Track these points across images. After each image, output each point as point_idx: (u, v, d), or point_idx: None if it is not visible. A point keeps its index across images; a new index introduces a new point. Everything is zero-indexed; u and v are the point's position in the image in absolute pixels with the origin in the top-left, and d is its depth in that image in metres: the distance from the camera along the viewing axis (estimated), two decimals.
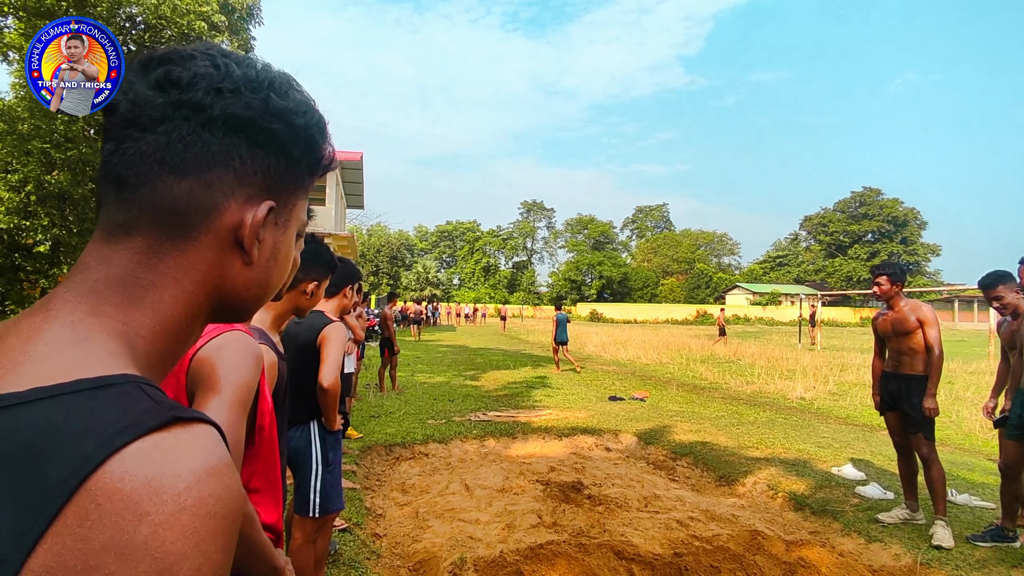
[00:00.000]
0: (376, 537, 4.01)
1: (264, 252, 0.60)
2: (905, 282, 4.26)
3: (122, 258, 0.53)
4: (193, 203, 0.54)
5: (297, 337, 2.73)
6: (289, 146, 0.59)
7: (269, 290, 0.64)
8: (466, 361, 15.35)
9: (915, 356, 4.14)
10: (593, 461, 5.99)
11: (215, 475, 0.44)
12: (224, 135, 0.55)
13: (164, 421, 0.44)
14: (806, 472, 5.29)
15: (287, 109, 0.58)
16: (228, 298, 0.59)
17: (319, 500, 2.64)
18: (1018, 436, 3.72)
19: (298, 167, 0.61)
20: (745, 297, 66.50)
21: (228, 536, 0.45)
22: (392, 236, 72.29)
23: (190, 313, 0.56)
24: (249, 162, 0.57)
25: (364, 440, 6.12)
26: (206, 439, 0.46)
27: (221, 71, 0.55)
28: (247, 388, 1.10)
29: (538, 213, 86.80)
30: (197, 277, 0.55)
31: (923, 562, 3.56)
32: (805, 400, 10.12)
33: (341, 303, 2.90)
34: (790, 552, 3.66)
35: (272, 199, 0.59)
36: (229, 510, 0.45)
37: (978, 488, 4.94)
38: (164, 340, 0.54)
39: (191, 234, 0.55)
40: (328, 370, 2.59)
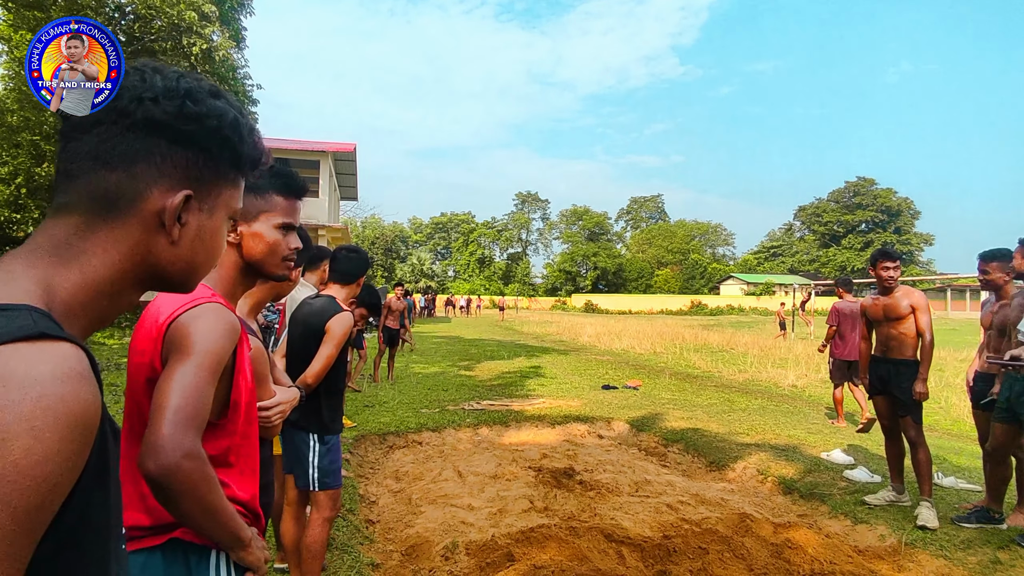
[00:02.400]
0: (369, 523, 4.04)
1: (188, 233, 0.71)
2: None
3: (61, 229, 0.64)
4: (121, 191, 0.66)
5: (307, 319, 2.74)
6: (205, 144, 0.71)
7: (197, 266, 0.75)
8: (461, 352, 15.38)
9: (904, 342, 4.19)
10: (585, 448, 6.03)
11: (61, 380, 0.52)
12: (145, 135, 0.67)
13: (31, 334, 0.52)
14: (796, 457, 5.35)
15: (200, 114, 0.70)
16: (156, 270, 0.70)
17: (317, 475, 2.67)
18: (1006, 418, 3.77)
19: (218, 161, 0.73)
20: (739, 287, 66.74)
21: (69, 434, 0.51)
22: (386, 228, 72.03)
23: (117, 278, 0.66)
24: (169, 157, 0.68)
25: (358, 429, 6.15)
26: (67, 353, 0.54)
27: (146, 83, 0.67)
28: (218, 355, 1.12)
29: (533, 204, 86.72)
30: (123, 249, 0.66)
31: (908, 542, 3.62)
32: (797, 388, 10.21)
33: (353, 292, 2.90)
34: (778, 534, 3.71)
35: (191, 188, 0.70)
36: (74, 413, 0.52)
37: (964, 471, 5.01)
38: (88, 295, 0.64)
39: (119, 215, 0.66)
40: (317, 367, 2.57)
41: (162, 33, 13.36)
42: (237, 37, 15.50)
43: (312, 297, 2.86)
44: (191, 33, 12.99)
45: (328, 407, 2.70)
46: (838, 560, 3.36)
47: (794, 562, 3.31)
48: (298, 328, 2.76)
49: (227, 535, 1.11)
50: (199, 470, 1.03)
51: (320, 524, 2.71)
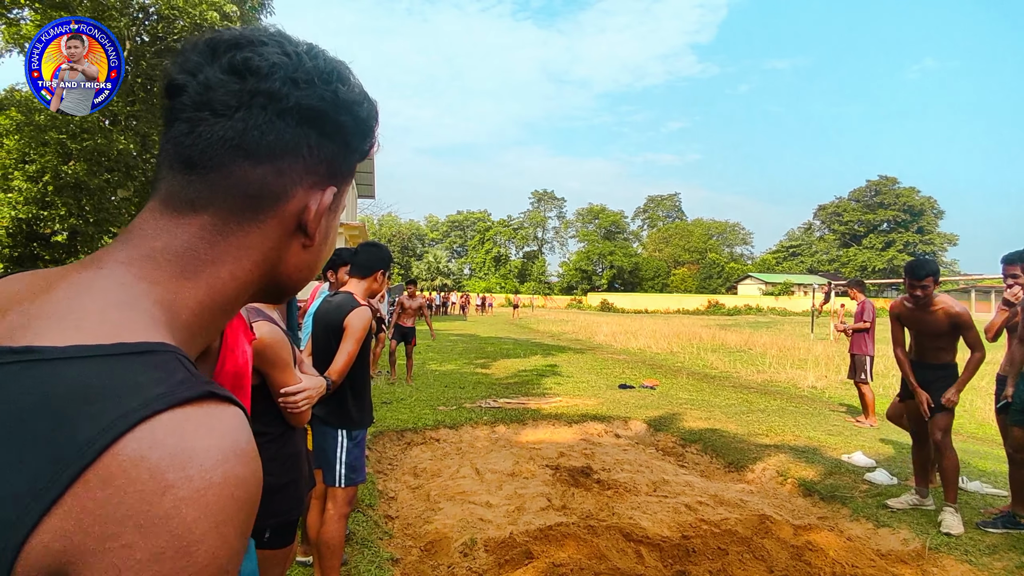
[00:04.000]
0: (388, 518, 4.08)
1: (320, 235, 0.62)
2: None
3: (185, 231, 0.54)
4: (265, 188, 0.56)
5: (326, 316, 2.77)
6: (350, 136, 0.61)
7: (316, 271, 0.66)
8: (476, 349, 15.43)
9: (942, 350, 4.07)
10: (602, 447, 6.03)
11: (242, 457, 0.43)
12: (297, 125, 0.56)
13: (199, 394, 0.43)
14: (816, 459, 5.29)
15: (353, 101, 0.60)
16: (280, 278, 0.61)
17: (344, 471, 2.71)
18: (1022, 421, 3.71)
19: (354, 155, 0.63)
20: (757, 287, 66.04)
21: (247, 522, 0.44)
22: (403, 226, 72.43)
23: (241, 291, 0.57)
24: (317, 151, 0.58)
25: (376, 426, 6.20)
26: (235, 420, 0.45)
27: (294, 61, 0.56)
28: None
29: (549, 203, 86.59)
30: (256, 257, 0.57)
31: (932, 547, 3.57)
32: (816, 389, 10.09)
33: (371, 286, 2.91)
34: (798, 536, 3.68)
35: (335, 184, 0.61)
36: (251, 495, 0.44)
37: (990, 476, 4.92)
38: (210, 314, 0.54)
39: (258, 217, 0.56)
40: (339, 364, 2.58)
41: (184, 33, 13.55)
42: None
43: (332, 294, 2.90)
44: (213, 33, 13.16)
45: (355, 402, 2.74)
46: (860, 564, 3.33)
47: (815, 565, 3.28)
48: (319, 326, 2.80)
49: None
50: None
51: (337, 520, 2.74)
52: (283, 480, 1.87)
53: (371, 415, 2.91)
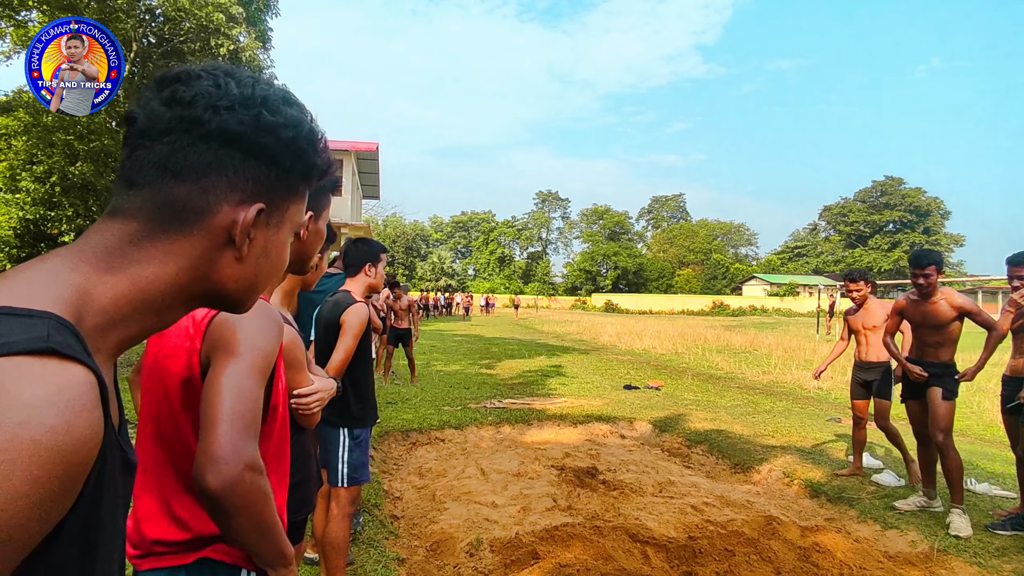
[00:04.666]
0: (394, 518, 4.08)
1: (255, 249, 0.66)
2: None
3: (116, 234, 0.59)
4: (189, 204, 0.61)
5: (325, 315, 2.78)
6: (279, 156, 0.65)
7: (258, 285, 0.70)
8: (481, 350, 15.43)
9: (942, 347, 4.07)
10: (608, 448, 6.02)
11: (57, 408, 0.44)
12: (219, 147, 0.62)
13: (39, 348, 0.46)
14: (822, 460, 5.27)
15: (277, 124, 0.64)
16: (216, 287, 0.65)
17: (347, 471, 2.71)
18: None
19: (289, 175, 0.67)
20: (763, 288, 65.84)
21: (44, 470, 0.43)
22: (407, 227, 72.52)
23: (169, 292, 0.61)
24: (242, 170, 0.63)
25: (381, 426, 6.20)
26: (70, 376, 0.46)
27: (220, 90, 0.62)
28: (267, 354, 1.05)
29: (553, 203, 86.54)
30: (183, 264, 0.62)
31: (940, 549, 3.55)
32: (822, 390, 10.05)
33: (367, 283, 2.90)
34: (805, 537, 3.66)
35: (263, 202, 0.65)
36: (57, 446, 0.44)
37: (998, 477, 4.89)
38: (134, 307, 0.59)
39: (184, 228, 0.61)
40: (336, 361, 2.57)
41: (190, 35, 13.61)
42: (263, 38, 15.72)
43: (332, 293, 2.90)
44: (219, 34, 13.21)
45: (357, 400, 2.74)
46: (868, 565, 3.31)
47: (822, 566, 3.27)
48: (320, 326, 2.80)
49: (274, 552, 1.02)
50: (259, 483, 0.95)
51: (341, 520, 2.73)
52: (294, 480, 1.87)
53: (375, 413, 2.90)
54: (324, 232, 1.31)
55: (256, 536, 0.97)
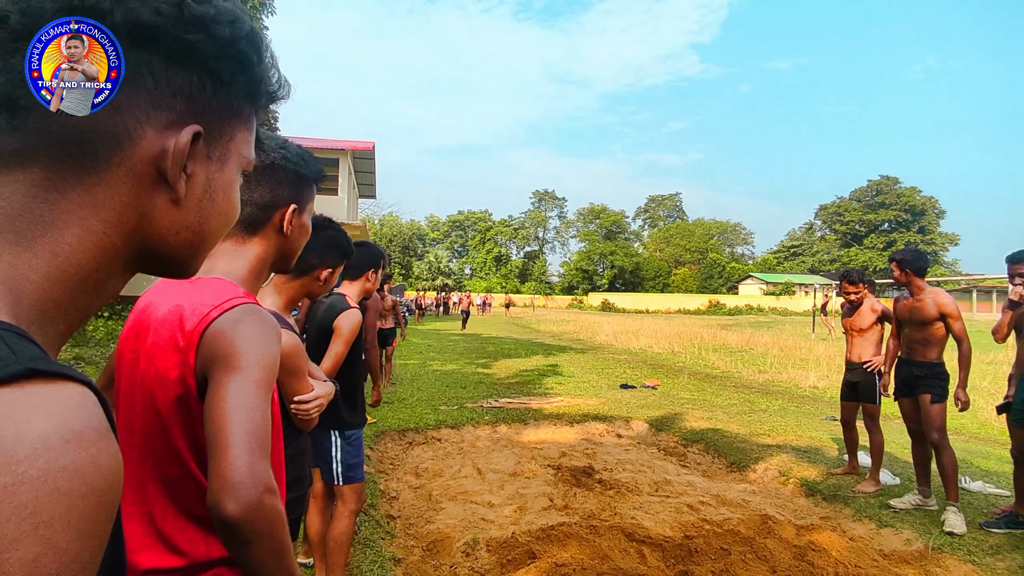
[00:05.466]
0: (391, 518, 4.07)
1: (195, 189, 0.52)
2: (920, 270, 4.19)
3: (14, 192, 0.45)
4: (98, 130, 0.46)
5: (319, 318, 2.77)
6: (214, 63, 0.51)
7: (206, 236, 0.55)
8: (478, 349, 15.42)
9: (928, 345, 4.11)
10: (604, 447, 6.02)
11: (75, 443, 0.36)
12: (130, 48, 0.46)
13: (14, 373, 0.36)
14: (818, 459, 5.29)
15: (207, 17, 0.49)
16: (154, 243, 0.51)
17: (342, 469, 2.72)
18: (1020, 421, 3.71)
19: (231, 90, 0.53)
20: (759, 287, 66.00)
21: (87, 520, 0.36)
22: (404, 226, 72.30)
23: (101, 259, 0.47)
24: (165, 81, 0.48)
25: (378, 426, 6.20)
26: (70, 399, 0.38)
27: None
28: (271, 367, 0.98)
29: (550, 203, 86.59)
30: (109, 216, 0.47)
31: (935, 547, 3.56)
32: (818, 389, 10.09)
33: (364, 287, 2.90)
34: (800, 536, 3.67)
35: (199, 124, 0.51)
36: (92, 489, 0.36)
37: (992, 476, 4.91)
38: (64, 288, 0.46)
39: (99, 166, 0.47)
40: (326, 365, 2.56)
41: None
42: None
43: (325, 296, 2.89)
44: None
45: (346, 404, 2.74)
46: (863, 564, 3.32)
47: (818, 565, 3.27)
48: (313, 328, 2.79)
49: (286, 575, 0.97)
50: (277, 506, 0.90)
51: (346, 517, 2.75)
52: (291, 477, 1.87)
53: (363, 416, 2.91)
54: (309, 227, 1.25)
55: (272, 561, 0.91)
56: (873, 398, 4.64)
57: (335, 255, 1.93)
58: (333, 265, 1.92)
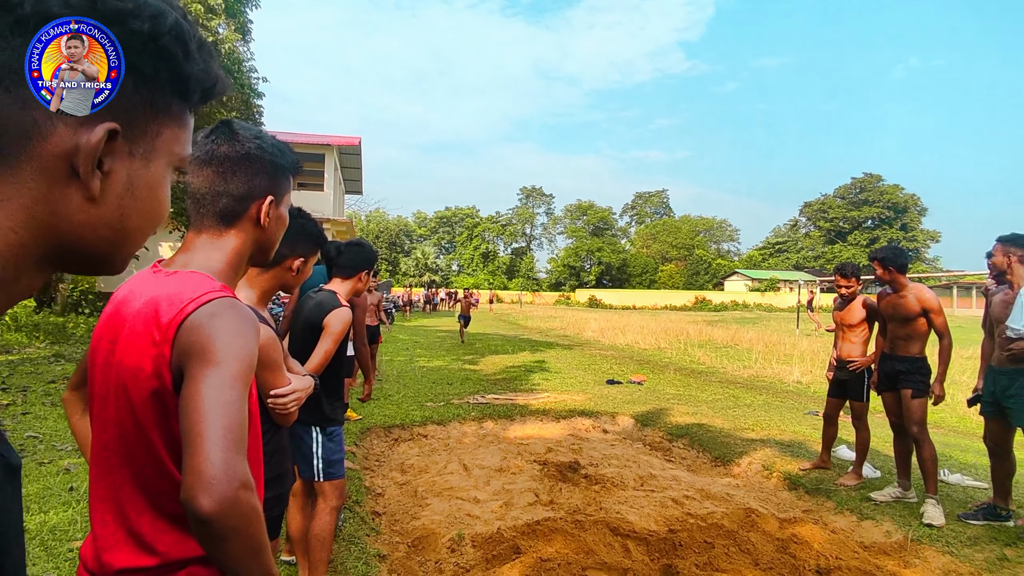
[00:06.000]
0: (376, 515, 4.06)
1: (114, 187, 0.52)
2: (902, 266, 4.23)
3: None
4: (5, 124, 0.46)
5: (306, 314, 2.74)
6: (134, 57, 0.50)
7: (128, 233, 0.55)
8: (464, 346, 15.40)
9: (911, 340, 4.17)
10: (590, 442, 6.04)
11: None
12: None
13: None
14: (801, 453, 5.34)
15: (124, 11, 0.49)
16: (69, 240, 0.50)
17: (322, 466, 2.70)
18: (993, 413, 3.79)
19: (154, 86, 0.53)
20: (744, 283, 66.55)
21: None
22: (391, 222, 72.16)
23: (8, 255, 0.47)
24: None
25: (363, 422, 6.17)
26: None
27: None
28: (248, 361, 0.96)
29: (537, 199, 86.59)
30: (16, 212, 0.47)
31: (914, 539, 3.62)
32: (802, 384, 10.19)
33: (355, 286, 2.89)
34: (783, 529, 3.71)
35: (116, 121, 0.50)
36: None
37: (971, 468, 4.99)
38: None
39: (6, 161, 0.46)
40: (315, 362, 2.54)
41: None
42: (243, 30, 15.47)
43: (315, 291, 2.86)
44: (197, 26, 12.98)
45: (328, 400, 2.73)
46: (844, 556, 3.36)
47: (800, 557, 3.31)
48: (299, 323, 2.77)
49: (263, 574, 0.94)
50: (253, 502, 0.88)
51: (328, 513, 2.73)
52: (272, 475, 1.85)
53: (343, 413, 2.91)
54: (287, 218, 1.23)
55: (249, 558, 0.89)
56: (861, 396, 4.66)
57: (306, 244, 1.90)
58: (305, 254, 1.90)
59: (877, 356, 4.45)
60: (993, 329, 3.92)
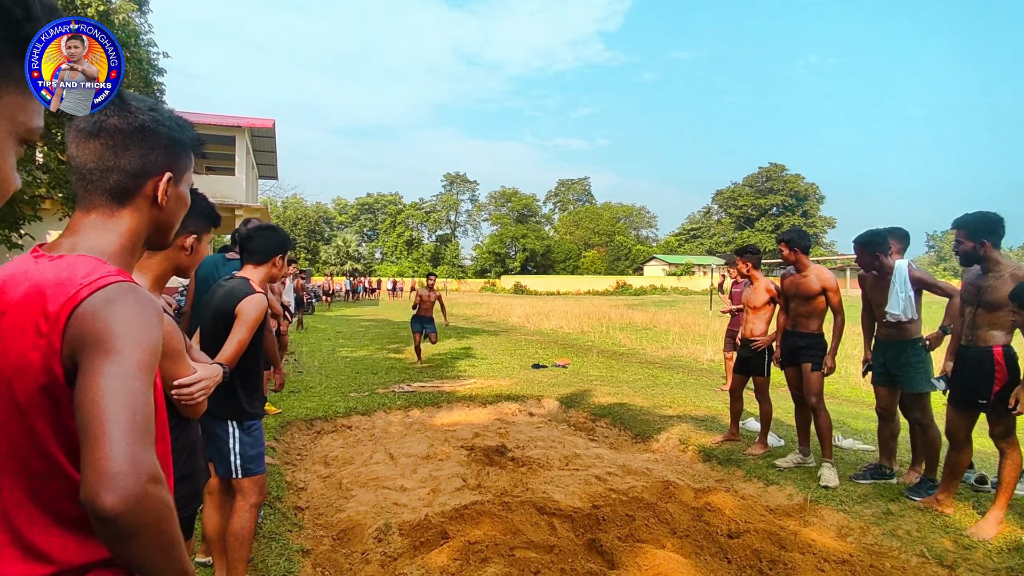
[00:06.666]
0: (298, 510, 3.94)
1: None
2: (805, 248, 4.55)
3: None
4: None
5: (217, 302, 2.59)
6: None
7: None
8: (390, 334, 15.16)
9: (811, 318, 4.49)
10: (516, 426, 6.13)
11: None
12: None
13: None
14: (714, 427, 5.65)
15: None
16: None
17: (240, 462, 2.59)
18: (883, 381, 4.17)
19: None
20: (662, 268, 69.27)
21: None
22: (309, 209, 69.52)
23: None
24: None
25: (284, 415, 5.95)
26: None
27: None
28: (152, 348, 0.89)
29: (461, 186, 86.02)
30: None
31: (813, 500, 3.93)
32: (714, 362, 10.76)
33: (269, 272, 2.76)
34: (698, 499, 3.92)
35: None
36: None
37: (862, 434, 5.47)
38: None
39: None
40: (227, 352, 2.41)
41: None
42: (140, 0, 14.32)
43: (226, 278, 2.72)
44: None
45: (246, 392, 2.61)
46: (752, 519, 3.60)
47: (713, 523, 3.51)
48: (209, 312, 2.63)
49: (178, 573, 0.89)
50: (163, 496, 0.83)
51: (247, 511, 2.62)
52: (181, 473, 1.75)
53: (262, 406, 2.80)
54: (187, 198, 1.14)
55: (161, 556, 0.84)
56: (762, 371, 4.99)
57: (198, 220, 1.79)
58: (197, 231, 1.80)
59: (779, 335, 4.77)
60: (871, 306, 4.28)
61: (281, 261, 2.78)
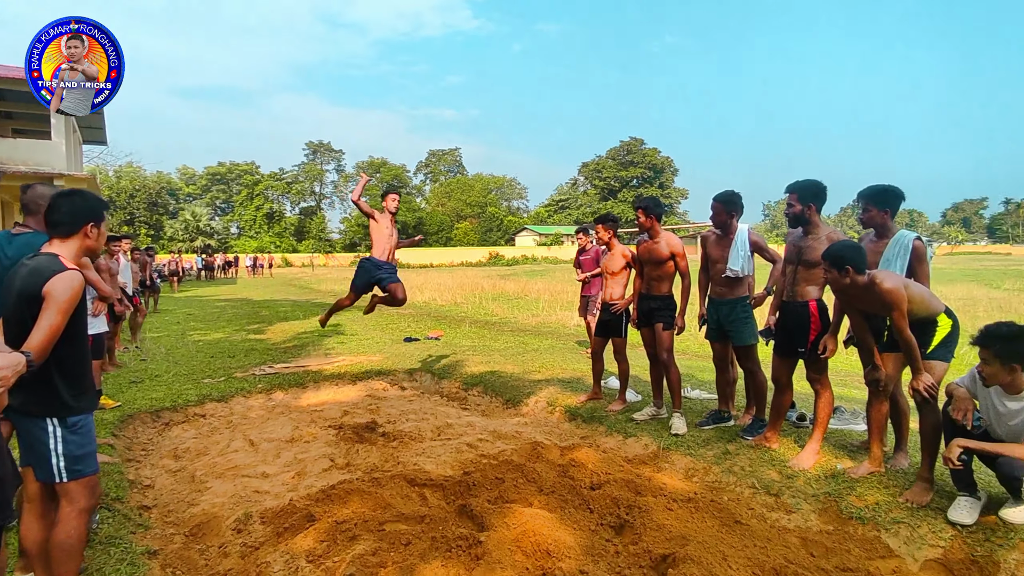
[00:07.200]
0: (144, 509, 3.59)
1: None
2: (658, 215, 4.86)
3: None
4: None
5: (18, 282, 2.21)
6: None
7: None
8: (249, 314, 14.17)
9: (662, 281, 4.83)
10: (388, 401, 6.03)
11: None
12: None
13: None
14: (579, 387, 5.95)
15: None
16: None
17: (63, 464, 2.26)
18: (716, 337, 4.62)
19: None
20: (533, 239, 71.21)
21: None
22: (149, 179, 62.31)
23: None
24: None
25: (123, 409, 5.36)
26: None
27: None
28: None
29: (326, 155, 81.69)
30: None
31: (665, 447, 4.29)
32: (580, 327, 11.30)
33: (83, 244, 2.38)
34: (564, 456, 4.12)
35: None
36: None
37: (708, 385, 6.03)
38: None
39: None
40: (36, 339, 2.07)
41: None
42: None
43: (29, 257, 2.34)
44: None
45: (67, 384, 2.27)
46: (612, 470, 3.85)
47: (577, 478, 3.71)
48: (11, 295, 2.25)
49: None
50: None
51: (75, 517, 2.32)
52: None
53: (94, 399, 2.47)
54: None
55: None
56: (620, 333, 5.30)
57: None
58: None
59: (635, 298, 5.09)
60: (708, 264, 4.69)
61: (95, 231, 2.40)
